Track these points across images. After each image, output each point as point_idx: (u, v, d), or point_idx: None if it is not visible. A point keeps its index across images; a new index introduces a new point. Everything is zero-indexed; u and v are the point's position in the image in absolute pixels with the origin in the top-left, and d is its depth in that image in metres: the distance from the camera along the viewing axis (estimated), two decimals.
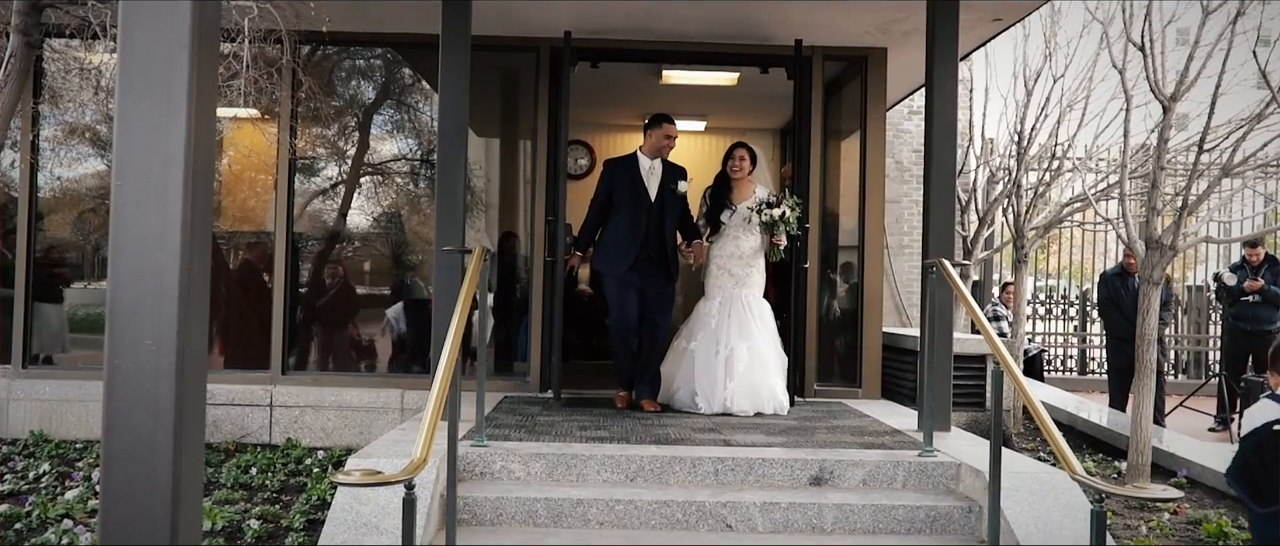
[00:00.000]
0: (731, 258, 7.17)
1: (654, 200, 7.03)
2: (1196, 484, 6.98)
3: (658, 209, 7.03)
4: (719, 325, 7.06)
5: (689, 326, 7.27)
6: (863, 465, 5.24)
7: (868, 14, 7.42)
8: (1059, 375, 14.65)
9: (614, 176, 7.11)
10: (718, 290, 7.18)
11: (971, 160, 10.80)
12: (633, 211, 7.00)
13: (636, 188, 7.03)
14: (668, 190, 7.05)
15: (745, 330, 7.03)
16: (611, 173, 7.15)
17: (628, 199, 7.02)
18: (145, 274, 2.87)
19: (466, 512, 4.80)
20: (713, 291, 7.21)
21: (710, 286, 7.24)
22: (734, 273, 7.16)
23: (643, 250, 6.96)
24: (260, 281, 8.18)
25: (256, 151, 8.32)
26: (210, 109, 3.08)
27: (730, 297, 7.11)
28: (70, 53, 7.40)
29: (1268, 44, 7.02)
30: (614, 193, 7.05)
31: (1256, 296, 9.84)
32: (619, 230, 7.01)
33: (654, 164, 7.09)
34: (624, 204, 7.03)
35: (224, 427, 7.77)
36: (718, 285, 7.19)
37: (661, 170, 7.09)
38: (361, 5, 7.35)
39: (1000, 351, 4.60)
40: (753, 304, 7.14)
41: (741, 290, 7.13)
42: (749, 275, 7.18)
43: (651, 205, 7.03)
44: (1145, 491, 3.72)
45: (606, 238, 7.09)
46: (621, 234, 6.99)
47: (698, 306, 7.30)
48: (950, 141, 6.43)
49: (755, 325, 7.08)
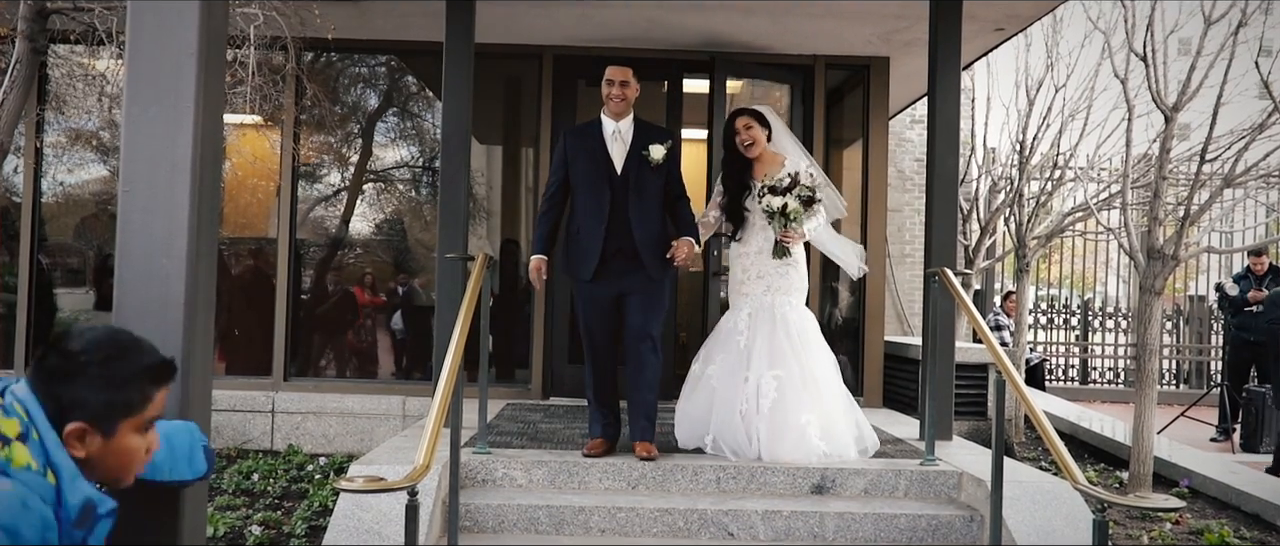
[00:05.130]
0: (760, 255, 5.65)
1: (621, 172, 5.39)
2: (1198, 494, 6.98)
3: (626, 183, 5.39)
4: (747, 346, 5.54)
5: (707, 347, 5.77)
6: (864, 474, 5.24)
7: (870, 23, 7.44)
8: (1060, 384, 14.64)
9: (571, 147, 5.50)
10: (744, 299, 5.67)
11: (973, 169, 10.81)
12: (594, 191, 5.39)
13: (597, 158, 5.41)
14: (641, 158, 5.41)
15: (776, 352, 5.48)
16: (567, 143, 5.54)
17: (587, 174, 5.42)
18: (151, 279, 2.89)
19: (469, 519, 4.80)
20: (739, 301, 5.71)
21: (735, 294, 5.78)
22: (764, 275, 5.63)
23: (611, 241, 5.34)
24: (262, 288, 8.18)
25: (260, 158, 8.34)
26: (217, 116, 3.10)
27: (759, 308, 5.59)
28: (74, 58, 7.42)
29: (1270, 54, 7.05)
30: (572, 168, 5.47)
31: (1259, 306, 9.84)
32: (581, 219, 5.43)
33: (620, 126, 5.46)
34: (583, 182, 5.43)
35: (226, 433, 7.77)
36: (744, 293, 5.68)
37: (632, 133, 5.46)
38: (366, 12, 7.37)
39: (1002, 360, 4.60)
40: (790, 316, 5.59)
41: (775, 297, 5.60)
42: (786, 277, 5.63)
43: (618, 179, 5.38)
44: (1147, 501, 3.72)
45: (569, 231, 5.54)
46: (584, 224, 5.41)
47: (722, 321, 5.84)
48: (952, 150, 6.44)
49: (794, 343, 5.53)
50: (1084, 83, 9.71)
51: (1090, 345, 15.22)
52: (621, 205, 5.36)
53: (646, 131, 5.49)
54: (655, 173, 5.40)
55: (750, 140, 5.66)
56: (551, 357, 8.08)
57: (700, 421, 5.52)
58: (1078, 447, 8.70)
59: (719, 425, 5.43)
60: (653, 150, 5.37)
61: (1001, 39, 7.96)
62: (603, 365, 5.48)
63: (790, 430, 5.33)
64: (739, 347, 5.53)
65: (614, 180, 5.38)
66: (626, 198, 5.37)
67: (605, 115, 5.49)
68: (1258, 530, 6.20)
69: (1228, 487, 6.82)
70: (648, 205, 5.40)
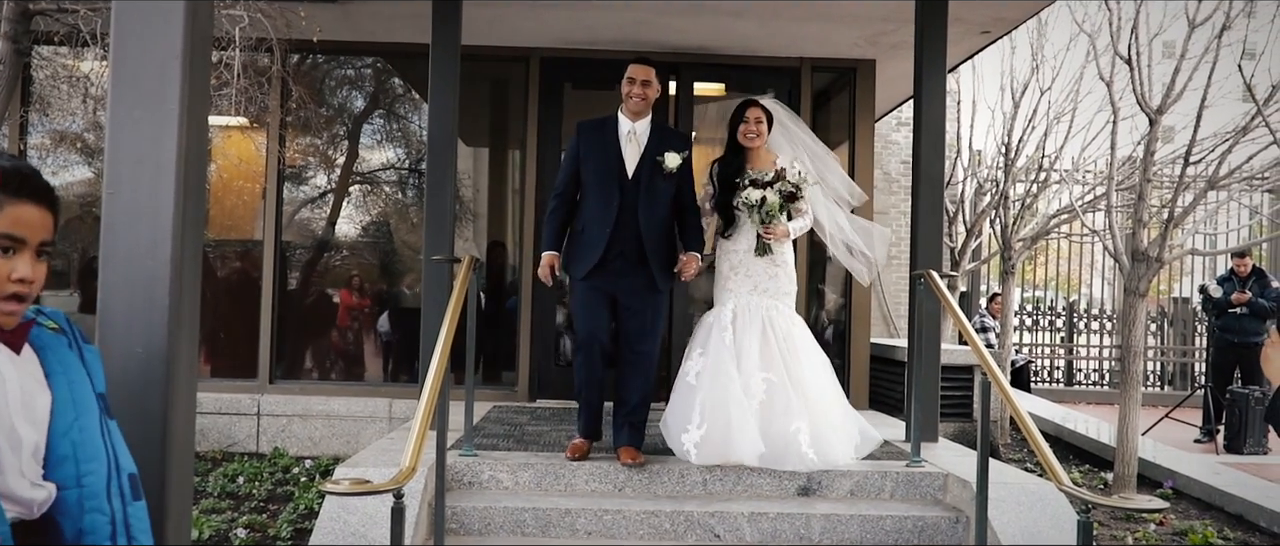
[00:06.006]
0: (748, 253, 5.48)
1: (631, 176, 5.23)
2: (1182, 494, 7.01)
3: (636, 187, 5.23)
4: (734, 342, 5.34)
5: (691, 345, 5.55)
6: (851, 475, 5.25)
7: (857, 26, 7.45)
8: (1046, 386, 14.70)
9: (584, 143, 5.36)
10: (729, 296, 5.46)
11: (959, 172, 10.85)
12: (603, 190, 5.25)
13: (609, 158, 5.26)
14: (654, 163, 5.25)
15: (767, 353, 5.32)
16: (581, 139, 5.39)
17: (598, 173, 5.27)
18: (136, 282, 2.88)
19: (454, 522, 4.80)
20: (724, 297, 5.49)
21: (720, 291, 5.54)
22: (752, 275, 5.46)
23: (615, 243, 5.20)
24: (248, 290, 8.15)
25: (245, 160, 8.31)
26: (202, 118, 3.09)
27: (746, 307, 5.42)
28: (59, 60, 7.38)
29: (1253, 57, 7.07)
30: (583, 165, 5.34)
31: (1243, 308, 9.89)
32: (587, 218, 5.30)
33: (636, 127, 5.29)
34: (594, 180, 5.29)
35: (211, 436, 7.74)
36: (729, 289, 5.48)
37: (649, 136, 5.30)
38: (352, 14, 7.36)
39: (987, 362, 4.62)
40: (777, 320, 5.42)
41: (762, 299, 5.43)
42: (775, 279, 5.48)
43: (628, 182, 5.23)
44: (1131, 502, 3.74)
45: (577, 227, 5.39)
46: (591, 221, 5.27)
47: (705, 316, 5.63)
48: (938, 153, 6.46)
49: (783, 347, 5.38)
50: (1069, 85, 9.78)
51: (1075, 347, 15.29)
52: (629, 209, 5.20)
53: (663, 136, 5.33)
54: (667, 180, 5.25)
55: (756, 132, 5.51)
56: (538, 360, 8.07)
57: (683, 417, 5.26)
58: (1063, 449, 8.74)
59: (706, 424, 5.16)
60: (667, 158, 5.20)
61: (987, 42, 7.99)
62: (593, 363, 5.33)
63: (778, 437, 5.19)
64: (725, 344, 5.31)
65: (624, 183, 5.22)
66: (636, 202, 5.21)
67: (622, 113, 5.33)
68: (1241, 530, 6.24)
69: (1212, 488, 6.86)
70: (656, 212, 5.25)
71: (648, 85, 5.25)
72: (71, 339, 1.99)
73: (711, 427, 5.14)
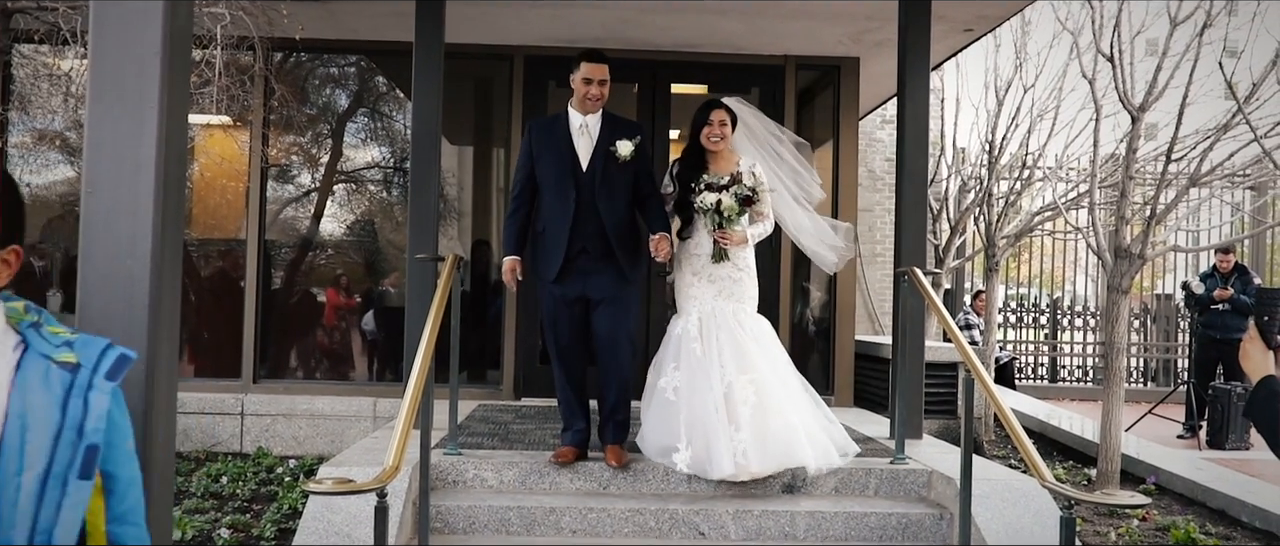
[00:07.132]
0: (709, 258, 5.32)
1: (586, 169, 5.17)
2: (1165, 490, 7.05)
3: (592, 180, 5.16)
4: (706, 352, 5.18)
5: (660, 357, 5.40)
6: (835, 473, 5.25)
7: (841, 24, 7.47)
8: (1030, 383, 14.74)
9: (536, 142, 5.27)
10: (692, 303, 5.32)
11: (943, 169, 10.87)
12: (559, 187, 5.17)
13: (562, 154, 5.19)
14: (608, 154, 5.18)
15: (743, 356, 5.18)
16: (533, 137, 5.30)
17: (552, 170, 5.20)
18: (116, 281, 2.86)
19: (439, 521, 4.79)
20: (687, 305, 5.35)
21: (682, 298, 5.40)
22: (715, 280, 5.31)
23: (577, 240, 5.13)
24: (231, 289, 8.12)
25: (228, 159, 8.28)
26: (182, 116, 3.07)
27: (711, 313, 5.25)
28: (39, 58, 7.33)
29: (1234, 54, 7.11)
30: (537, 163, 5.26)
31: (1225, 305, 9.94)
32: (546, 218, 5.23)
33: (588, 120, 5.22)
34: (549, 177, 5.21)
35: (194, 436, 7.71)
36: (692, 295, 5.33)
37: (600, 127, 5.22)
38: (335, 12, 7.33)
39: (971, 359, 4.63)
40: (745, 322, 5.30)
41: (726, 304, 5.28)
42: (739, 284, 5.33)
43: (583, 176, 5.16)
44: (1114, 498, 3.76)
45: (537, 229, 5.31)
46: (550, 220, 5.20)
47: (671, 327, 5.47)
48: (922, 150, 6.47)
49: (760, 346, 5.28)
50: (1052, 83, 9.81)
51: (1059, 344, 15.34)
52: (588, 203, 5.13)
53: (614, 126, 5.24)
54: (623, 169, 5.17)
55: (720, 135, 5.33)
56: (523, 358, 8.06)
57: (668, 435, 5.14)
58: (1046, 445, 8.77)
59: (694, 442, 5.05)
60: (620, 146, 5.12)
61: (971, 40, 8.01)
62: (570, 367, 5.28)
63: (777, 435, 5.06)
64: (697, 356, 5.18)
65: (579, 177, 5.15)
66: (593, 195, 5.14)
67: (573, 108, 5.24)
68: (1223, 525, 6.27)
69: (1194, 484, 6.90)
70: (616, 203, 5.18)
71: (604, 84, 5.17)
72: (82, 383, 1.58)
73: (697, 448, 5.05)
